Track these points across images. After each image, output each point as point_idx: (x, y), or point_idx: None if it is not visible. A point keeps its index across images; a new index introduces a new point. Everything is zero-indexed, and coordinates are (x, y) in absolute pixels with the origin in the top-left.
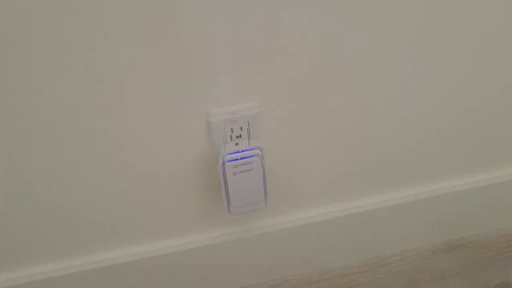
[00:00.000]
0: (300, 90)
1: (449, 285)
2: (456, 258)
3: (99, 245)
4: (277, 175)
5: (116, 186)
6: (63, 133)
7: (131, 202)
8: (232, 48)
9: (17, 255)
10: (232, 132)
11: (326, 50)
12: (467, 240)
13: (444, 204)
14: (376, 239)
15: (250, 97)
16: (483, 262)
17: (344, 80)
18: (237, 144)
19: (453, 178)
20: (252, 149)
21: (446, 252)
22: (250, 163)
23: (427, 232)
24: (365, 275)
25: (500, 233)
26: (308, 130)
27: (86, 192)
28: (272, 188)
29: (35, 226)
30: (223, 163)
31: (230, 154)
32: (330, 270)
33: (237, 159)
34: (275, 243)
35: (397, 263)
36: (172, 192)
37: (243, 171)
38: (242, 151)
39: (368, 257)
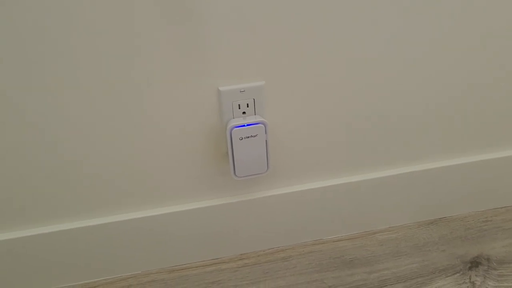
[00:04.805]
0: (302, 70)
1: (429, 254)
2: (438, 231)
3: (104, 209)
4: (279, 147)
5: (129, 152)
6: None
7: (141, 166)
8: (239, 35)
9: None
10: (239, 108)
11: (325, 35)
12: (449, 216)
13: (430, 184)
14: (366, 213)
15: (256, 76)
16: (462, 236)
17: (342, 67)
18: (244, 118)
19: (442, 159)
20: (257, 124)
21: (429, 225)
22: (255, 130)
23: (414, 210)
24: (354, 242)
25: (479, 212)
26: (309, 108)
27: (100, 157)
28: (274, 159)
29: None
30: (231, 129)
31: (237, 125)
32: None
33: (244, 125)
34: (274, 207)
35: (385, 232)
36: (182, 159)
37: (248, 137)
38: (249, 124)
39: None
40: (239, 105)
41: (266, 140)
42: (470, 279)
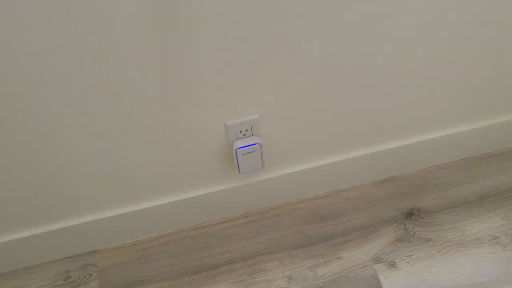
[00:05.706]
0: (289, 107)
1: (378, 209)
2: (387, 188)
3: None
4: (271, 152)
5: (165, 164)
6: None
7: (173, 170)
8: (238, 82)
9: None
10: (241, 132)
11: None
12: (398, 175)
13: (387, 157)
14: (336, 180)
15: (253, 112)
16: (404, 193)
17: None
18: (244, 140)
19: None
20: (254, 144)
21: (382, 183)
22: (253, 148)
23: (373, 174)
24: (326, 200)
25: (420, 170)
26: (295, 130)
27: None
28: (267, 160)
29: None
30: (236, 150)
31: (240, 146)
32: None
33: (245, 146)
34: (266, 187)
35: (348, 191)
36: (205, 164)
37: (249, 153)
38: (248, 145)
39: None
40: (240, 131)
41: (261, 153)
42: (404, 226)
